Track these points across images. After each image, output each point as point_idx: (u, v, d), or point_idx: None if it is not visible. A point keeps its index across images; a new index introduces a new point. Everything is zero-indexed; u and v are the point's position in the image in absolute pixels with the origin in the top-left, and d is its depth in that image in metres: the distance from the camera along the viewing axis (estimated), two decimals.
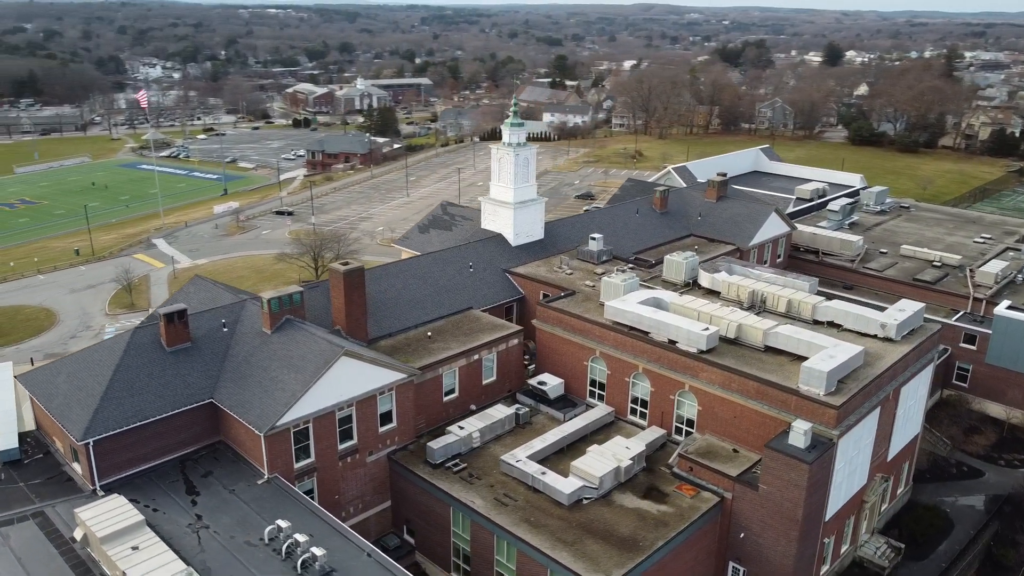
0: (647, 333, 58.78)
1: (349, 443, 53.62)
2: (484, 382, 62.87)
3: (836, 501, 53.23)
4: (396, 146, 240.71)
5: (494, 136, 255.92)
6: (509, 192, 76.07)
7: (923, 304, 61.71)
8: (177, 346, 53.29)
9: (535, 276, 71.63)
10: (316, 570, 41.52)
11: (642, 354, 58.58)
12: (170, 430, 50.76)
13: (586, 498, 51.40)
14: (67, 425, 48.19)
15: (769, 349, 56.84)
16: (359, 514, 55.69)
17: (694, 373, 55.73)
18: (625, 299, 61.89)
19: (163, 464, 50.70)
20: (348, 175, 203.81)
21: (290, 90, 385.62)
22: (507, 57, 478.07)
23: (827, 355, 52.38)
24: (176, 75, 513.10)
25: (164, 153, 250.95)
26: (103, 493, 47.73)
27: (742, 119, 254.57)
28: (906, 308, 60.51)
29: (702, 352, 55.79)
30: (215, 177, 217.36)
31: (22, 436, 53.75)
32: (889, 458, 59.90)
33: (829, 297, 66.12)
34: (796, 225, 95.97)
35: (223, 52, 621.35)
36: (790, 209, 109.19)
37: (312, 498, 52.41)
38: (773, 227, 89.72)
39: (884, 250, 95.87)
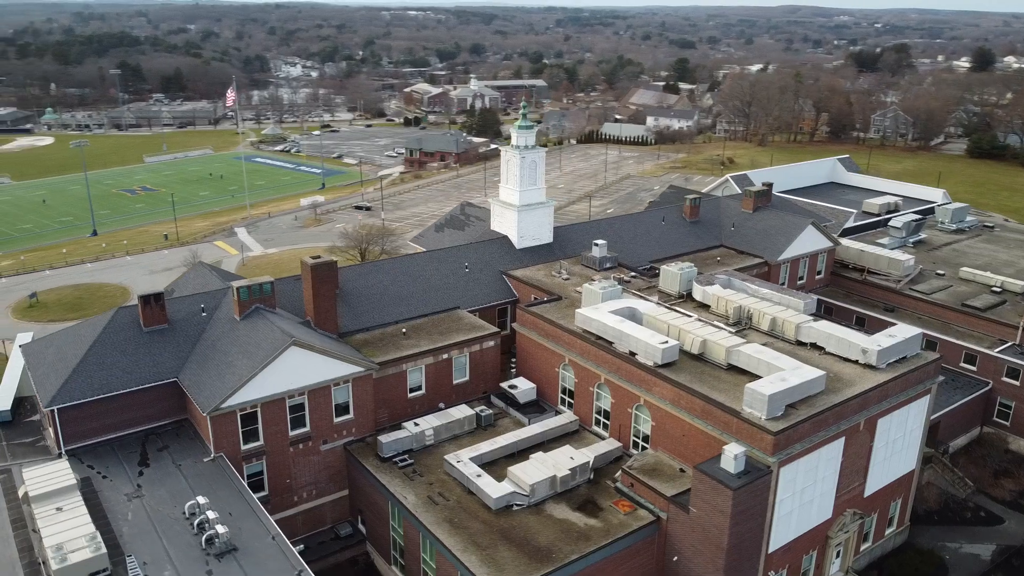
0: (611, 343, 57.57)
1: (301, 430, 55.57)
2: (455, 382, 63.40)
3: (784, 533, 50.29)
4: (493, 146, 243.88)
5: (591, 138, 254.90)
6: (515, 194, 76.18)
7: (919, 331, 56.97)
8: (153, 327, 56.99)
9: (529, 280, 71.38)
10: (217, 546, 43.58)
11: (604, 364, 57.45)
12: (135, 405, 54.33)
13: (517, 504, 51.05)
14: (39, 392, 52.72)
15: (732, 367, 54.37)
16: (312, 500, 57.63)
17: (648, 387, 54.14)
18: (597, 307, 60.78)
19: (127, 436, 54.34)
20: (438, 173, 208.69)
21: (407, 89, 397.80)
22: (626, 59, 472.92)
23: (779, 377, 49.62)
24: (314, 74, 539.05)
25: (278, 147, 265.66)
26: (64, 456, 51.88)
27: (853, 127, 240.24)
28: (896, 334, 56.17)
29: (658, 366, 54.10)
30: (318, 171, 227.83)
31: (21, 400, 59.13)
32: (866, 494, 55.81)
33: (824, 317, 62.30)
34: (840, 240, 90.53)
35: (360, 52, 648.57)
36: (849, 224, 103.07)
37: (262, 480, 54.87)
38: (809, 241, 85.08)
39: (941, 272, 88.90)
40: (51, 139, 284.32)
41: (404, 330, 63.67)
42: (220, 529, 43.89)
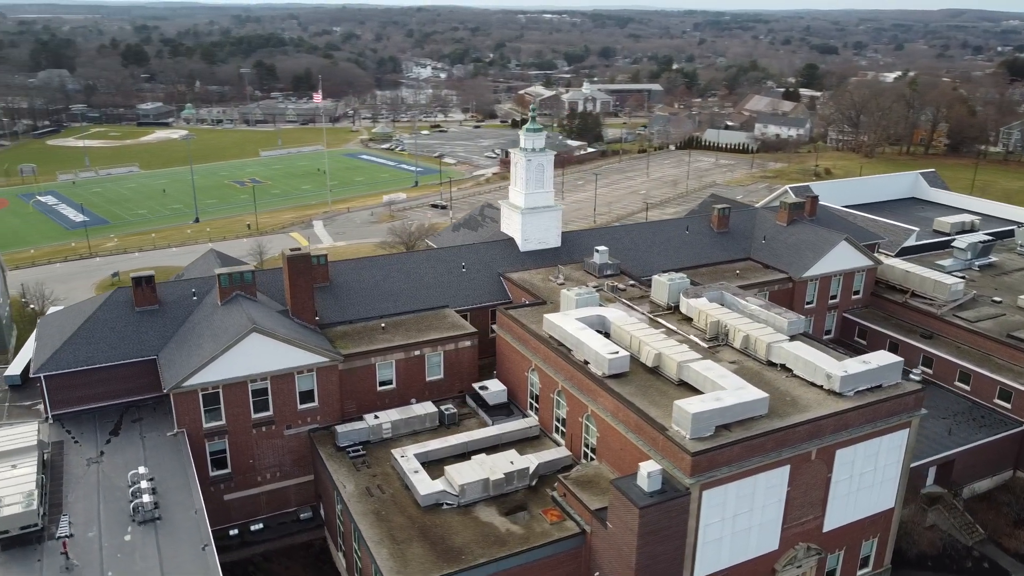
0: (571, 351, 56.77)
1: (264, 414, 58.08)
2: (428, 379, 64.27)
3: (713, 560, 47.97)
4: (590, 150, 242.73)
5: (690, 144, 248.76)
6: (520, 197, 76.12)
7: (900, 359, 52.72)
8: (144, 307, 61.20)
9: (522, 283, 71.22)
10: (141, 514, 46.48)
11: (562, 372, 56.71)
12: (117, 378, 58.50)
13: (447, 504, 51.38)
14: (33, 360, 57.82)
15: (683, 383, 52.40)
16: (276, 482, 60.08)
17: (595, 397, 53.04)
18: (566, 314, 60.00)
19: (109, 407, 58.58)
20: None
21: (521, 92, 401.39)
22: (752, 64, 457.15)
23: (714, 396, 47.48)
24: (442, 75, 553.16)
25: (384, 145, 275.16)
26: (51, 421, 56.75)
27: (979, 140, 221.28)
28: (871, 361, 52.30)
29: (605, 376, 52.92)
30: (417, 169, 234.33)
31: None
32: (826, 529, 52.28)
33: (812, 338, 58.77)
34: (882, 260, 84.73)
35: (490, 55, 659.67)
36: (910, 242, 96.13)
37: (225, 458, 57.80)
38: (843, 259, 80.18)
39: (999, 299, 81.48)
40: (184, 132, 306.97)
41: (383, 325, 65.18)
42: (146, 499, 46.78)
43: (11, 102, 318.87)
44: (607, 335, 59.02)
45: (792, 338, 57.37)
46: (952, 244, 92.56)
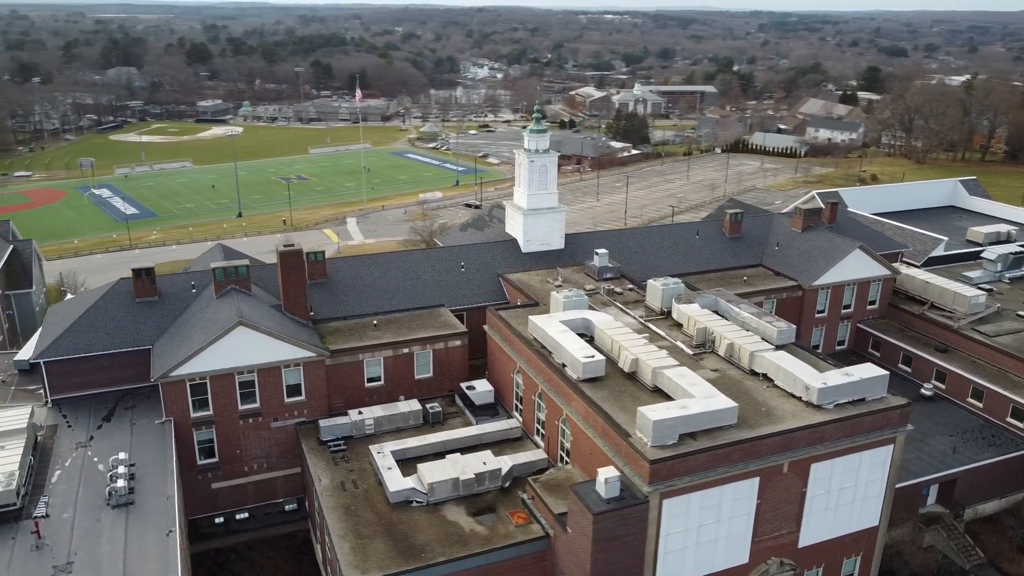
0: (551, 353, 56.52)
1: (251, 405, 59.32)
2: (417, 377, 64.71)
3: (676, 571, 47.19)
4: (634, 151, 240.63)
5: (736, 147, 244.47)
6: (523, 197, 76.00)
7: (884, 373, 50.95)
8: (144, 298, 63.13)
9: (520, 284, 71.07)
10: (115, 498, 48.00)
11: (541, 374, 56.49)
12: (114, 366, 60.43)
13: (417, 501, 51.71)
14: (36, 346, 60.20)
15: (657, 389, 51.65)
16: (263, 472, 61.30)
17: (569, 401, 52.70)
18: (551, 316, 59.73)
19: (106, 393, 60.52)
20: (566, 176, 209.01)
21: (572, 92, 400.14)
22: (811, 67, 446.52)
23: (680, 404, 46.71)
24: (499, 75, 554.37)
25: (430, 145, 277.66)
26: (50, 405, 59.03)
27: None
28: (853, 374, 50.72)
29: (580, 380, 52.53)
30: (460, 169, 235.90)
31: None
32: (802, 544, 50.88)
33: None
34: (900, 269, 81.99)
35: (548, 55, 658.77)
36: (938, 252, 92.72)
37: (212, 447, 59.27)
38: (858, 267, 77.85)
39: (1023, 313, 78.05)
40: (240, 129, 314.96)
41: (375, 322, 65.88)
42: (120, 483, 48.26)
43: (78, 98, 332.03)
44: (591, 339, 58.62)
45: (780, 347, 56.01)
46: (981, 255, 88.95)
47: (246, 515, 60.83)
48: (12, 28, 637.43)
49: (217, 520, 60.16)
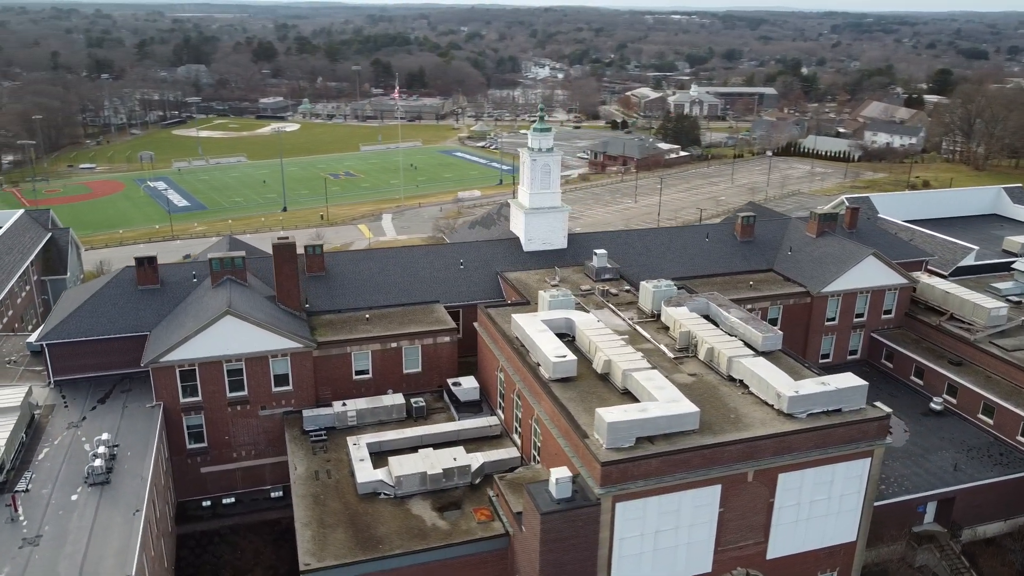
0: (528, 352, 56.40)
1: (239, 393, 60.82)
2: (406, 371, 65.30)
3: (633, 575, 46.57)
4: (683, 153, 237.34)
5: (787, 151, 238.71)
6: (525, 196, 75.89)
7: (863, 383, 49.22)
8: (145, 286, 65.34)
9: (517, 282, 71.02)
10: (91, 477, 49.83)
11: (519, 373, 56.41)
12: (114, 350, 62.67)
13: (385, 494, 52.25)
14: (41, 329, 62.92)
15: (626, 392, 51.02)
16: (252, 459, 62.78)
17: (539, 400, 52.52)
18: (533, 315, 59.55)
19: (105, 376, 62.85)
20: (611, 177, 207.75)
21: (627, 93, 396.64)
22: (878, 69, 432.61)
23: (639, 407, 46.06)
24: (560, 76, 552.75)
25: (479, 143, 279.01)
26: (52, 386, 61.63)
27: None
28: (830, 383, 49.18)
29: (550, 380, 52.28)
30: (506, 168, 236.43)
31: None
32: (770, 556, 49.58)
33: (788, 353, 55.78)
34: (920, 278, 78.96)
35: (611, 55, 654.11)
36: (967, 261, 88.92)
37: (201, 432, 60.98)
38: (871, 275, 75.33)
39: None
40: (297, 126, 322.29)
41: (368, 316, 66.70)
42: (97, 463, 50.09)
43: (146, 94, 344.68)
44: (572, 339, 58.27)
45: (764, 354, 54.71)
46: (1013, 266, 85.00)
47: (233, 500, 62.36)
48: (95, 27, 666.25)
49: (205, 503, 61.83)
